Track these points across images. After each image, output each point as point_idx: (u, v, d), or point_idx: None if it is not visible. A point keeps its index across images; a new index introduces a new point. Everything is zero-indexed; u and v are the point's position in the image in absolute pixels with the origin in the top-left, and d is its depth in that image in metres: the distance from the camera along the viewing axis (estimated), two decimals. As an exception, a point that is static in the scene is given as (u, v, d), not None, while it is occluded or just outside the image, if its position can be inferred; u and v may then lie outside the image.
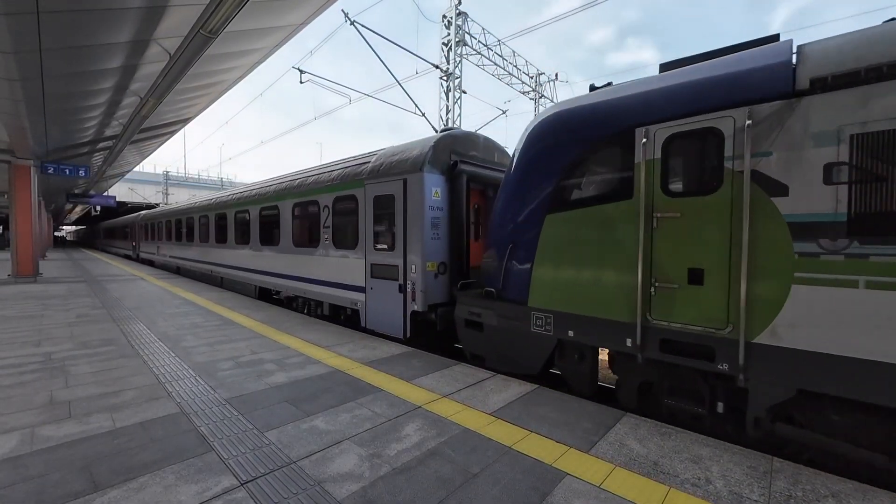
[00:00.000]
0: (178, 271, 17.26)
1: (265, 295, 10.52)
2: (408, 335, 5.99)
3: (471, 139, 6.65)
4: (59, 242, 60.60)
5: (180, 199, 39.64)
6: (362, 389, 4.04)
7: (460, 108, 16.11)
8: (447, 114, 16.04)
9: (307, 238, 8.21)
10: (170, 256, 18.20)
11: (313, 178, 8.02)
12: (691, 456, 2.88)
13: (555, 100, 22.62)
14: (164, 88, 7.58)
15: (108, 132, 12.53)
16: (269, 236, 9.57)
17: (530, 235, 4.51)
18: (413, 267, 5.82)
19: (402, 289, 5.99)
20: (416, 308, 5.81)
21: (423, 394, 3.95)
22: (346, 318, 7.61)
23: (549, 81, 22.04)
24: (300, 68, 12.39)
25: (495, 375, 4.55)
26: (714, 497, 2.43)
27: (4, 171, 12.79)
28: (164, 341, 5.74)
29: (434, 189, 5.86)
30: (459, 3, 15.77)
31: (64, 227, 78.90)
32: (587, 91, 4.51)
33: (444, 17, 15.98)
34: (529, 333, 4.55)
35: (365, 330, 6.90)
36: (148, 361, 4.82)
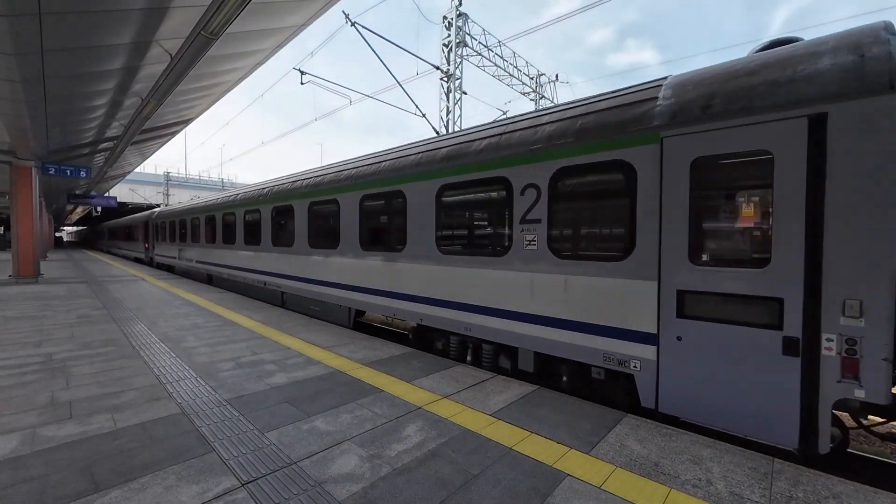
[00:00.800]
0: (210, 281, 13.70)
1: (358, 322, 7.94)
2: (825, 449, 2.94)
3: None
4: (59, 243, 60.57)
5: (181, 199, 39.48)
6: (363, 390, 4.04)
7: (461, 109, 16.16)
8: (447, 115, 16.07)
9: (478, 240, 5.32)
10: (197, 262, 14.35)
11: (488, 140, 5.13)
12: (692, 457, 2.88)
13: (555, 100, 22.48)
14: (165, 89, 7.61)
15: (110, 133, 12.57)
16: (382, 237, 6.71)
17: None
18: (851, 306, 2.86)
19: (800, 349, 3.02)
20: (860, 395, 2.83)
21: (424, 395, 3.95)
22: (576, 379, 4.48)
23: (549, 82, 22.07)
24: (301, 69, 12.44)
25: (496, 376, 4.53)
26: (715, 498, 2.43)
27: (6, 171, 12.82)
28: (164, 342, 5.74)
29: None
30: (460, 4, 15.81)
31: (64, 228, 79.04)
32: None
33: (445, 18, 16.02)
34: None
35: (652, 414, 3.82)
36: (149, 362, 4.82)
